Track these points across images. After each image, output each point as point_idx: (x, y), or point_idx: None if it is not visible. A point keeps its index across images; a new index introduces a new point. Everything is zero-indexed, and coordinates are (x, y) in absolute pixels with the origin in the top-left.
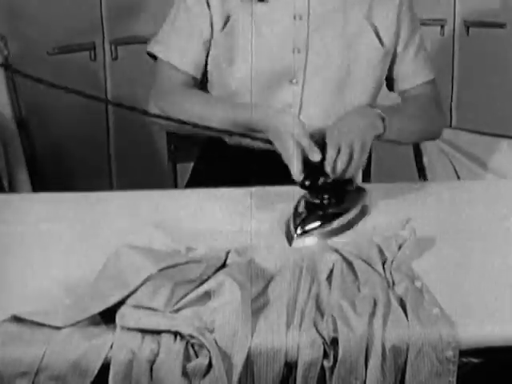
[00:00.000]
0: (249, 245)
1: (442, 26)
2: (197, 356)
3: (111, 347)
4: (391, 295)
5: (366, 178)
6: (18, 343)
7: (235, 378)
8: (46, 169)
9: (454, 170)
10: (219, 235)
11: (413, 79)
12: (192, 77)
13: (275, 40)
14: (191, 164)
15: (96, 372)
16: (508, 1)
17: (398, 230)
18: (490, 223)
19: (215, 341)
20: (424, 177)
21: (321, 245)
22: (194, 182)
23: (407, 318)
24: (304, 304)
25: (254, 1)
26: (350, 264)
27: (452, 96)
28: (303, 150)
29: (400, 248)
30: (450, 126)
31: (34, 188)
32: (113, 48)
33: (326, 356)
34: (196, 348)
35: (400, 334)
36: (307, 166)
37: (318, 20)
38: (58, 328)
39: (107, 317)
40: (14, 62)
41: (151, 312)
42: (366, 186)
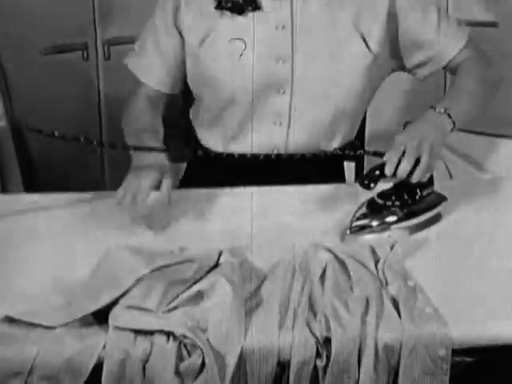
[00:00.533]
0: (242, 245)
1: None
2: (190, 356)
3: (104, 347)
4: (384, 295)
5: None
6: (10, 343)
7: (228, 378)
8: (39, 169)
9: (447, 168)
10: (213, 235)
11: (451, 47)
12: (158, 91)
13: (258, 52)
14: (183, 165)
15: (89, 372)
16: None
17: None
18: (484, 223)
19: (208, 340)
20: None
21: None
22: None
23: (400, 317)
24: (297, 303)
25: (233, 15)
26: (342, 263)
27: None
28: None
29: (392, 248)
30: None
31: (27, 188)
32: (105, 48)
33: (318, 355)
34: (189, 348)
35: (393, 333)
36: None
37: (302, 29)
38: (50, 328)
39: (100, 317)
40: (6, 63)
41: (144, 312)
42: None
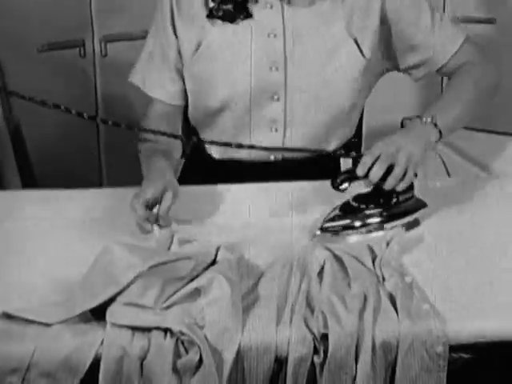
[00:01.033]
0: (239, 241)
1: None
2: (187, 352)
3: (101, 344)
4: (381, 291)
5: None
6: (8, 340)
7: (225, 374)
8: (36, 165)
9: (444, 166)
10: (209, 231)
11: (445, 51)
12: (170, 105)
13: (251, 59)
14: (181, 160)
15: (86, 369)
16: None
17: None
18: (481, 220)
19: (205, 337)
20: (415, 174)
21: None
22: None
23: (397, 314)
24: (294, 300)
25: (225, 23)
26: (340, 260)
27: (442, 92)
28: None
29: (388, 244)
30: None
31: (24, 185)
32: (102, 45)
33: (316, 352)
34: (186, 344)
35: (390, 330)
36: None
37: (294, 36)
38: (48, 325)
39: (97, 314)
40: (3, 60)
41: (141, 309)
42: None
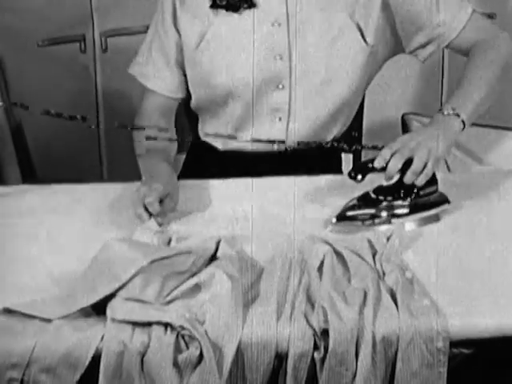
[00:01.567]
0: (239, 235)
1: None
2: (187, 347)
3: (102, 339)
4: (382, 286)
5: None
6: (8, 335)
7: (226, 369)
8: (36, 160)
9: (445, 162)
10: (213, 223)
11: (453, 26)
12: (169, 97)
13: (255, 49)
14: (183, 156)
15: (87, 364)
16: None
17: None
18: (481, 215)
19: (206, 332)
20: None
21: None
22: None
23: (398, 309)
24: (294, 295)
25: (229, 13)
26: (340, 256)
27: (442, 87)
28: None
29: (389, 239)
30: None
31: (24, 180)
32: (103, 40)
33: (316, 347)
34: (187, 339)
35: (390, 325)
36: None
37: (298, 25)
38: (48, 320)
39: (98, 309)
40: (3, 55)
41: (142, 304)
42: None
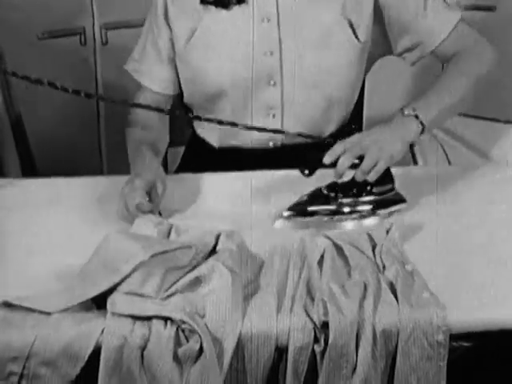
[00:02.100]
0: (238, 228)
1: None
2: (188, 341)
3: (102, 333)
4: (381, 279)
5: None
6: (8, 328)
7: (226, 363)
8: (36, 153)
9: (445, 154)
10: (212, 218)
11: (436, 35)
12: (162, 94)
13: (245, 45)
14: (181, 149)
15: (87, 357)
16: None
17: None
18: (482, 207)
19: (206, 326)
20: (414, 162)
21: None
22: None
23: (398, 302)
24: (294, 289)
25: (218, 9)
26: (340, 249)
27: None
28: None
29: (388, 232)
30: None
31: (24, 172)
32: (103, 32)
33: (316, 340)
34: (187, 333)
35: (390, 318)
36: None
37: (288, 21)
38: (48, 313)
39: (98, 302)
40: (3, 48)
41: (142, 298)
42: None
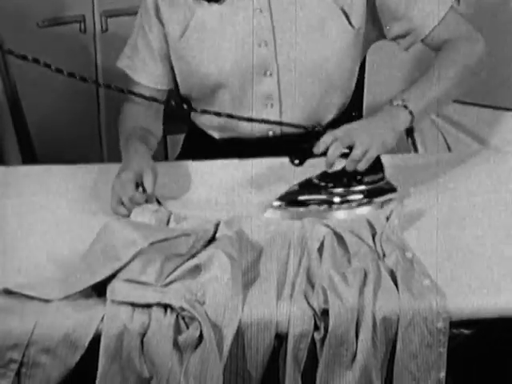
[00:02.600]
0: (238, 216)
1: None
2: (188, 328)
3: (102, 320)
4: (382, 267)
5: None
6: (8, 316)
7: (226, 350)
8: (36, 141)
9: (445, 141)
10: (212, 206)
11: (426, 23)
12: (154, 89)
13: (239, 37)
14: (181, 136)
15: (87, 345)
16: None
17: None
18: (481, 195)
19: (206, 313)
20: (415, 149)
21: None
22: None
23: (398, 290)
24: (294, 276)
25: (211, 2)
26: (340, 237)
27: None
28: None
29: (388, 219)
30: None
31: (24, 160)
32: (103, 20)
33: (316, 328)
34: (187, 320)
35: (391, 306)
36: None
37: (281, 11)
38: (48, 301)
39: (98, 290)
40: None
41: (142, 286)
42: None
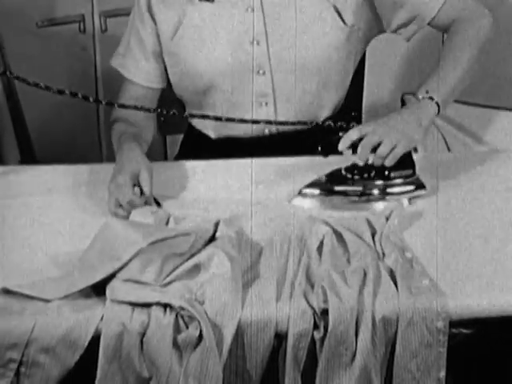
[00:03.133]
0: (237, 215)
1: None
2: (187, 328)
3: (101, 320)
4: (381, 266)
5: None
6: (7, 316)
7: (226, 349)
8: (35, 141)
9: (445, 141)
10: (211, 205)
11: (431, 4)
12: (147, 87)
13: (232, 36)
14: (180, 136)
15: (86, 344)
16: None
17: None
18: (481, 195)
19: (205, 312)
20: (414, 149)
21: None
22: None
23: (397, 289)
24: (294, 275)
25: (203, 1)
26: (339, 236)
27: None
28: None
29: (388, 219)
30: None
31: (23, 160)
32: (102, 20)
33: (316, 327)
34: (186, 320)
35: (390, 305)
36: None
37: (273, 9)
38: (47, 301)
39: (98, 289)
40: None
41: (141, 285)
42: None
